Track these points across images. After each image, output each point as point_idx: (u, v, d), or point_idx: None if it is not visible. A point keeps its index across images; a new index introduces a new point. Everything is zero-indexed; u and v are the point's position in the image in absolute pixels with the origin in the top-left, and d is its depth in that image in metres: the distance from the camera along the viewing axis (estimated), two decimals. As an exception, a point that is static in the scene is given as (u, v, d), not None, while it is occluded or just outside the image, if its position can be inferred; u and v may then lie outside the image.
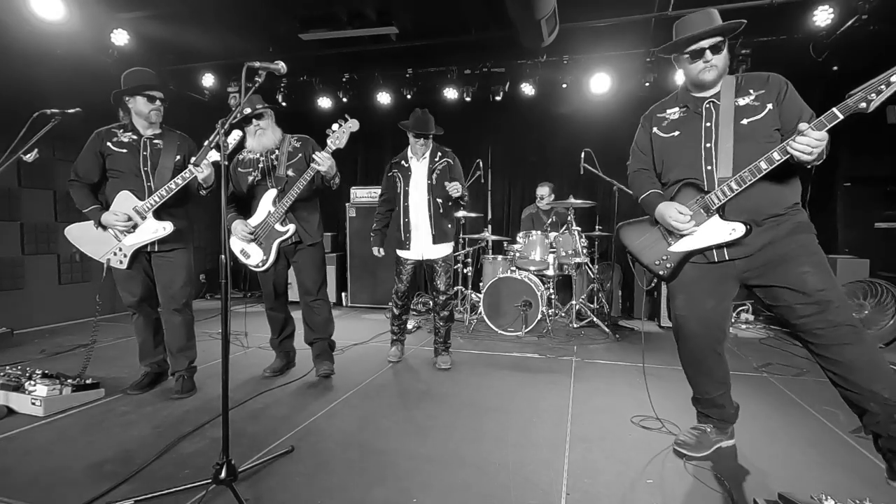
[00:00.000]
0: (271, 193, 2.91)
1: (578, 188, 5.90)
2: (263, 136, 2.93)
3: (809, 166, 1.71)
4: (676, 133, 2.02)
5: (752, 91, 1.88)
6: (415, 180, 3.33)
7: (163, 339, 2.89)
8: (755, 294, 1.94)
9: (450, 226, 3.38)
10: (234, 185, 3.07)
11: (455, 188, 3.21)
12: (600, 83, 5.17)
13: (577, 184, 5.87)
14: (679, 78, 4.98)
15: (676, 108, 2.04)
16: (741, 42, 4.64)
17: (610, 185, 4.46)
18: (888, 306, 3.83)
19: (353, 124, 2.73)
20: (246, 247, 3.00)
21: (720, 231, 1.87)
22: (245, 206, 3.04)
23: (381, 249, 3.55)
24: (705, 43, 1.88)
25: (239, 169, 3.05)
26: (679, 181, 1.99)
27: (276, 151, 2.98)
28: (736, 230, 1.84)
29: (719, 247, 1.90)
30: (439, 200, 3.30)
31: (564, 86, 5.33)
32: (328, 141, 2.75)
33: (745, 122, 1.86)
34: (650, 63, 4.99)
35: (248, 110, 2.89)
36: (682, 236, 1.95)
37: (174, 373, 2.87)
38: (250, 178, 2.99)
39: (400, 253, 3.40)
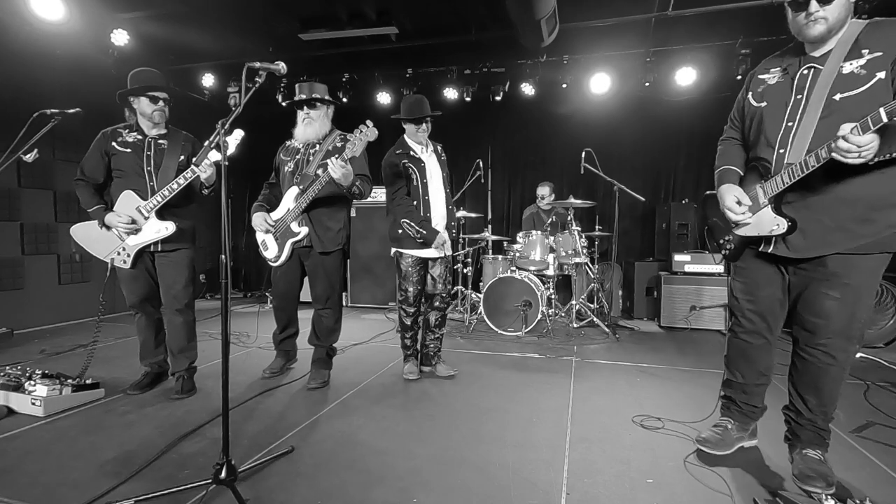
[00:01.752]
0: (294, 191, 2.86)
1: (578, 188, 5.91)
2: (309, 127, 2.89)
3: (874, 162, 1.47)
4: (764, 104, 1.76)
5: (865, 52, 1.53)
6: (430, 173, 3.04)
7: (164, 339, 2.89)
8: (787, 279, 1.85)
9: None
10: (275, 171, 3.04)
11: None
12: (600, 83, 5.17)
13: (577, 184, 5.88)
14: (680, 77, 4.99)
15: (778, 69, 1.75)
16: (741, 42, 4.65)
17: (610, 185, 4.45)
18: (888, 306, 3.83)
19: (371, 133, 2.57)
20: (266, 239, 2.97)
21: (767, 223, 1.75)
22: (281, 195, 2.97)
23: (417, 227, 2.88)
24: None
25: (281, 156, 3.01)
26: (752, 162, 1.83)
27: (318, 146, 2.91)
28: (779, 226, 1.70)
29: (767, 240, 1.78)
30: (449, 193, 3.13)
31: (564, 86, 5.33)
32: (346, 147, 2.58)
33: (838, 97, 1.56)
34: (650, 63, 4.99)
35: (303, 96, 2.85)
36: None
37: (174, 373, 2.86)
38: (285, 168, 2.94)
39: (414, 252, 2.98)
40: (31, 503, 1.72)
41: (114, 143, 2.67)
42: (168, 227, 2.65)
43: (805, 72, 1.66)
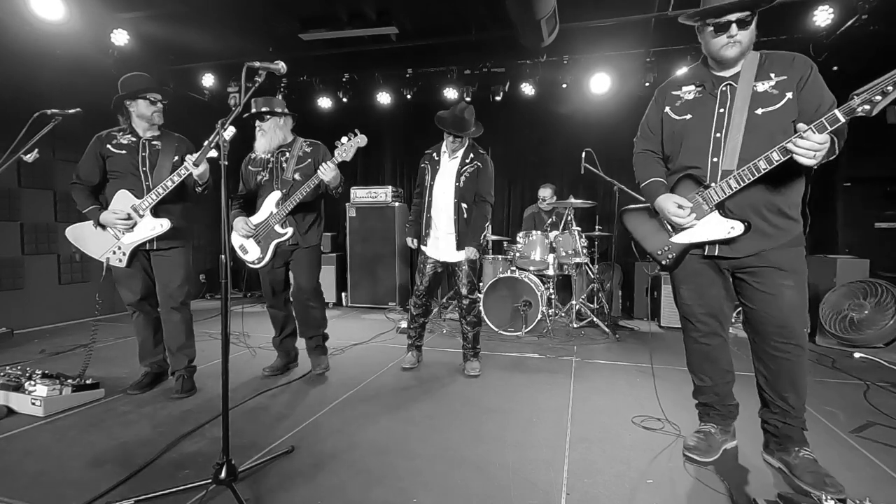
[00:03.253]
0: (276, 195, 2.96)
1: (579, 188, 5.91)
2: (263, 138, 3.01)
3: (813, 167, 1.65)
4: (688, 116, 1.92)
5: (773, 75, 1.77)
6: (441, 177, 3.18)
7: (163, 338, 2.90)
8: (735, 283, 1.96)
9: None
10: (243, 182, 3.13)
11: (473, 253, 3.10)
12: (600, 83, 5.17)
13: (577, 184, 5.87)
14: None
15: (692, 87, 1.93)
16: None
17: (610, 185, 4.45)
18: (888, 306, 3.83)
19: (361, 139, 2.76)
20: (245, 243, 3.05)
21: (719, 227, 1.85)
22: (251, 203, 3.10)
23: (415, 241, 3.36)
24: (733, 16, 1.73)
25: (249, 167, 3.11)
26: (681, 171, 1.93)
27: (287, 154, 3.02)
28: (735, 228, 1.81)
29: (711, 244, 1.89)
30: (465, 206, 3.11)
31: (564, 86, 5.33)
32: (335, 153, 2.77)
33: (759, 111, 1.77)
34: (650, 63, 4.99)
35: (255, 110, 2.96)
36: (683, 228, 1.93)
37: (174, 372, 2.87)
38: (258, 178, 3.04)
39: (421, 247, 3.29)
40: (31, 503, 1.72)
41: (108, 146, 2.71)
42: (163, 225, 2.67)
43: (724, 88, 1.85)
